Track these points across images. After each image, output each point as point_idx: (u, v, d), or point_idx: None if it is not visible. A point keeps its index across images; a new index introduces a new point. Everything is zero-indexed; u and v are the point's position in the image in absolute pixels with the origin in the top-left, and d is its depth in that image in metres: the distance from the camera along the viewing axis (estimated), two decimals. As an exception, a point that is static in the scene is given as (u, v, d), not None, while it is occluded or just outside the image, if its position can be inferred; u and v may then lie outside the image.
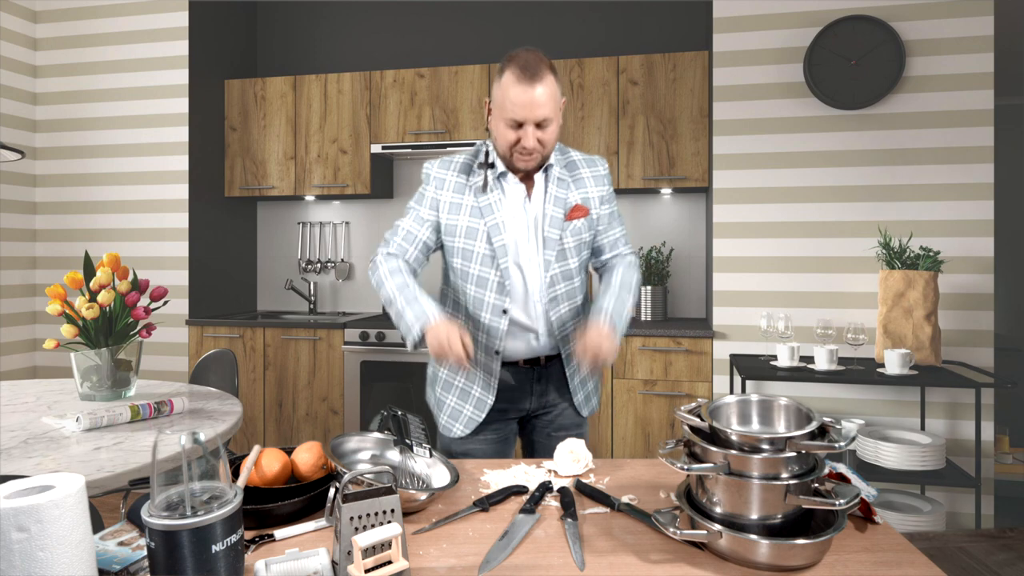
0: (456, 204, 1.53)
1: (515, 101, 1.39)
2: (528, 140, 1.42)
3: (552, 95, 1.40)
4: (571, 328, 1.59)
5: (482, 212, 1.51)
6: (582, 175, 1.56)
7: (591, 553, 0.92)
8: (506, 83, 1.40)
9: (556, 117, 1.44)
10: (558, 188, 1.53)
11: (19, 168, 3.68)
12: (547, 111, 1.40)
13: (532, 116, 1.39)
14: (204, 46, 3.70)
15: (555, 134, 1.46)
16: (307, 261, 4.01)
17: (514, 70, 1.39)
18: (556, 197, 1.52)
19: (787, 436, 0.88)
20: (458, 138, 3.51)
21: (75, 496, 0.70)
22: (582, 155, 1.60)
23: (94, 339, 1.88)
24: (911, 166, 2.90)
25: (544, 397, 1.63)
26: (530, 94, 1.38)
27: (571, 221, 1.53)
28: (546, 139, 1.44)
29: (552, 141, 1.46)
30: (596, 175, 1.58)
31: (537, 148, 1.44)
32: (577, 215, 1.53)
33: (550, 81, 1.40)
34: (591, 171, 1.57)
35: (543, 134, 1.43)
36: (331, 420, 3.42)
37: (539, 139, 1.43)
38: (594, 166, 1.58)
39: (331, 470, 1.11)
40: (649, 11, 3.70)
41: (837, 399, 2.95)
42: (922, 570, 0.85)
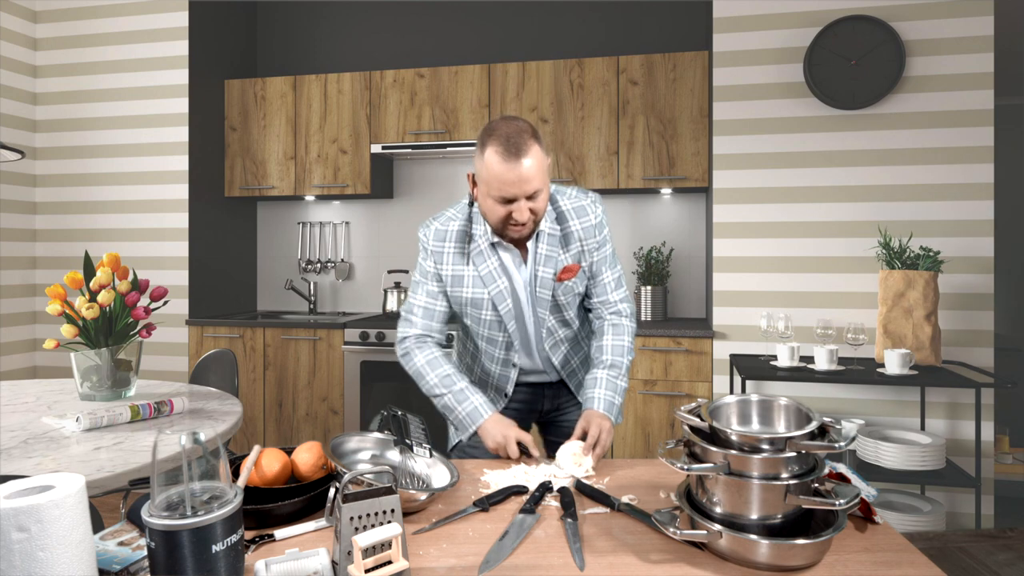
0: (458, 277, 1.52)
1: (503, 180, 1.33)
2: (521, 214, 1.37)
3: (539, 166, 1.35)
4: (576, 363, 1.66)
5: (484, 282, 1.51)
6: (571, 228, 1.51)
7: (591, 553, 0.92)
8: (490, 161, 1.34)
9: (545, 185, 1.39)
10: (548, 247, 1.49)
11: (19, 168, 3.68)
12: (536, 184, 1.35)
13: (522, 192, 1.34)
14: (204, 46, 3.70)
15: (546, 200, 1.41)
16: (307, 261, 4.01)
17: (497, 147, 1.33)
18: (547, 257, 1.50)
19: (787, 436, 0.88)
20: (458, 138, 3.51)
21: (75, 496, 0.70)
22: (572, 200, 1.53)
23: (94, 339, 1.88)
24: (911, 166, 2.90)
25: (558, 399, 1.69)
26: (518, 171, 1.32)
27: (562, 282, 1.52)
28: (538, 208, 1.39)
29: (543, 208, 1.41)
30: (586, 226, 1.51)
31: (530, 219, 1.40)
32: (567, 276, 1.51)
33: (535, 152, 1.34)
34: (581, 223, 1.51)
35: (534, 204, 1.38)
36: (331, 420, 3.42)
37: (531, 209, 1.38)
38: (584, 216, 1.51)
39: (331, 470, 1.11)
40: (649, 11, 3.70)
41: (837, 399, 2.95)
42: (922, 570, 0.85)
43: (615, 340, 1.55)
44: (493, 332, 1.57)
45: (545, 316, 1.54)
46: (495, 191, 1.35)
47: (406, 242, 3.98)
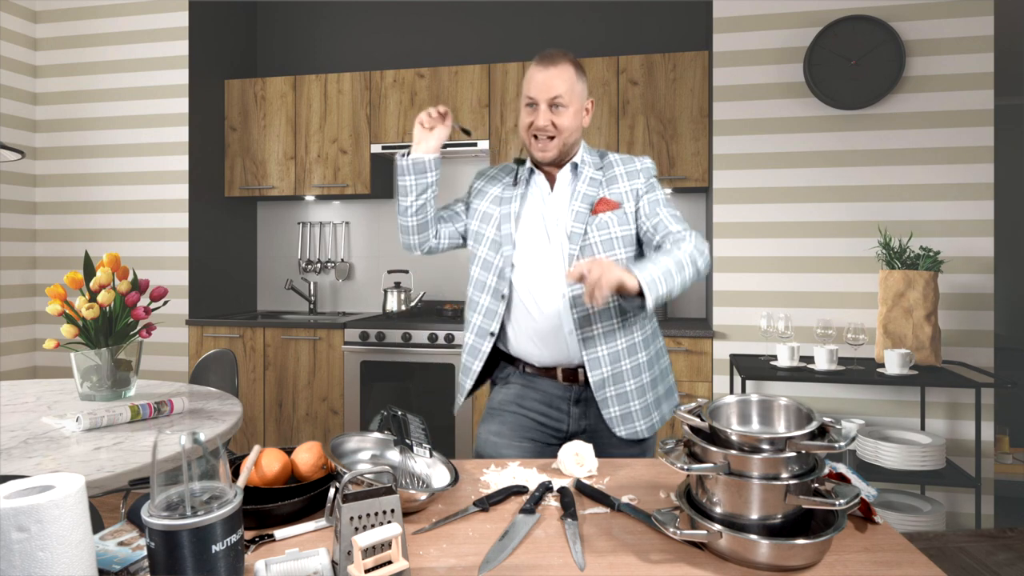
0: (483, 191, 1.61)
1: (530, 80, 1.46)
2: (540, 119, 1.45)
3: (568, 79, 1.45)
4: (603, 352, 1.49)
5: (501, 200, 1.57)
6: (615, 172, 1.54)
7: (591, 553, 0.92)
8: (528, 71, 1.49)
9: (573, 104, 1.46)
10: (588, 187, 1.52)
11: (19, 168, 3.68)
12: (560, 91, 1.44)
13: (544, 95, 1.44)
14: (204, 46, 3.70)
15: (572, 121, 1.47)
16: (307, 261, 4.01)
17: (537, 59, 1.48)
18: (584, 195, 1.51)
19: (787, 436, 0.88)
20: (458, 138, 3.51)
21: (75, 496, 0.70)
22: (623, 156, 1.58)
23: (94, 339, 1.88)
24: (911, 166, 2.90)
25: (583, 420, 1.56)
26: (543, 73, 1.45)
27: (597, 214, 1.49)
28: (561, 123, 1.46)
29: (568, 128, 1.47)
30: (631, 170, 1.54)
31: (549, 128, 1.46)
32: (603, 208, 1.50)
33: (567, 68, 1.45)
34: (626, 167, 1.55)
35: (557, 117, 1.46)
36: (331, 420, 3.42)
37: (553, 122, 1.45)
38: (630, 163, 1.55)
39: (331, 470, 1.11)
40: (649, 11, 3.70)
41: (837, 399, 2.95)
42: (922, 570, 0.85)
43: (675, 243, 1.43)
44: (490, 254, 1.55)
45: (575, 255, 1.47)
46: (523, 96, 1.49)
47: (406, 242, 3.97)
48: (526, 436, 1.55)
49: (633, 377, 1.53)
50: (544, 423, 1.56)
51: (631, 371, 1.52)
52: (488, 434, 1.56)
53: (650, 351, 1.57)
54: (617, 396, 1.51)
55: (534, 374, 1.57)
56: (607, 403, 1.51)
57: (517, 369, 1.59)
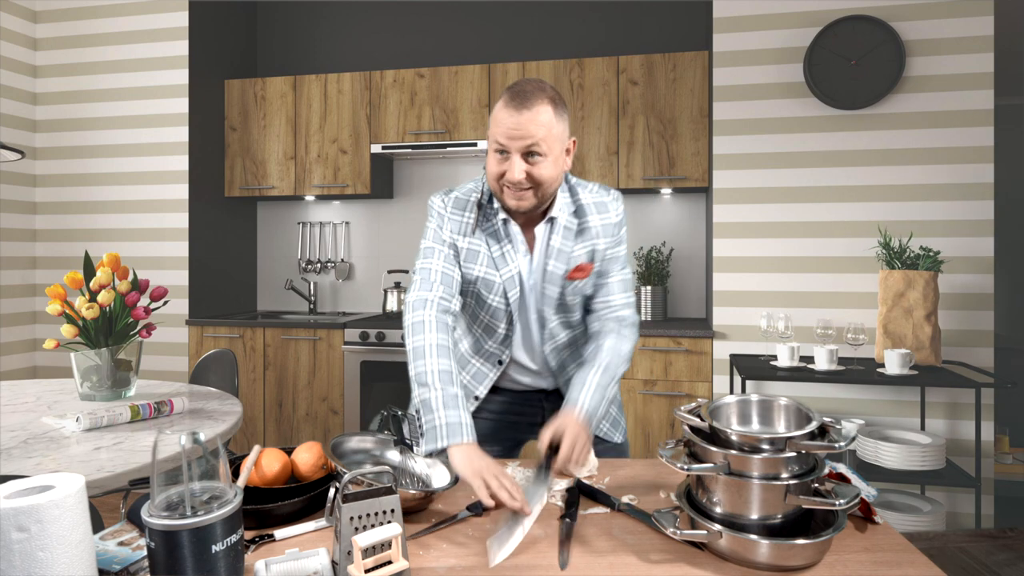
0: (474, 252, 1.40)
1: (499, 124, 1.25)
2: (514, 172, 1.24)
3: (545, 124, 1.23)
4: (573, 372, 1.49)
5: (496, 264, 1.39)
6: (590, 224, 1.40)
7: (591, 553, 0.91)
8: (496, 109, 1.27)
9: (552, 151, 1.26)
10: (563, 240, 1.38)
11: (19, 168, 3.68)
12: (535, 139, 1.23)
13: (516, 144, 1.23)
14: (204, 46, 3.70)
15: (550, 172, 1.27)
16: (307, 261, 4.01)
17: (506, 96, 1.26)
18: (560, 251, 1.38)
19: (787, 436, 0.88)
20: (458, 138, 3.51)
21: (75, 496, 0.70)
22: (595, 195, 1.42)
23: (94, 339, 1.88)
24: (911, 166, 2.90)
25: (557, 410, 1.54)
26: (516, 118, 1.23)
27: (573, 280, 1.40)
28: (539, 175, 1.26)
29: (547, 180, 1.27)
30: (606, 223, 1.41)
31: (524, 183, 1.26)
32: (578, 276, 1.40)
33: (544, 110, 1.24)
34: (601, 219, 1.41)
35: (534, 168, 1.25)
36: (331, 420, 3.42)
37: (528, 173, 1.25)
38: (605, 212, 1.41)
39: (331, 470, 1.11)
40: (649, 11, 3.70)
41: (837, 399, 2.95)
42: (922, 570, 0.85)
43: (616, 344, 1.39)
44: (495, 321, 1.44)
45: (548, 315, 1.42)
46: (493, 141, 1.27)
47: (406, 242, 3.98)
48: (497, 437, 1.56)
49: None
50: (517, 421, 1.56)
51: None
52: None
53: None
54: None
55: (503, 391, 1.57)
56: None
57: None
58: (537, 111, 1.23)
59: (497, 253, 1.39)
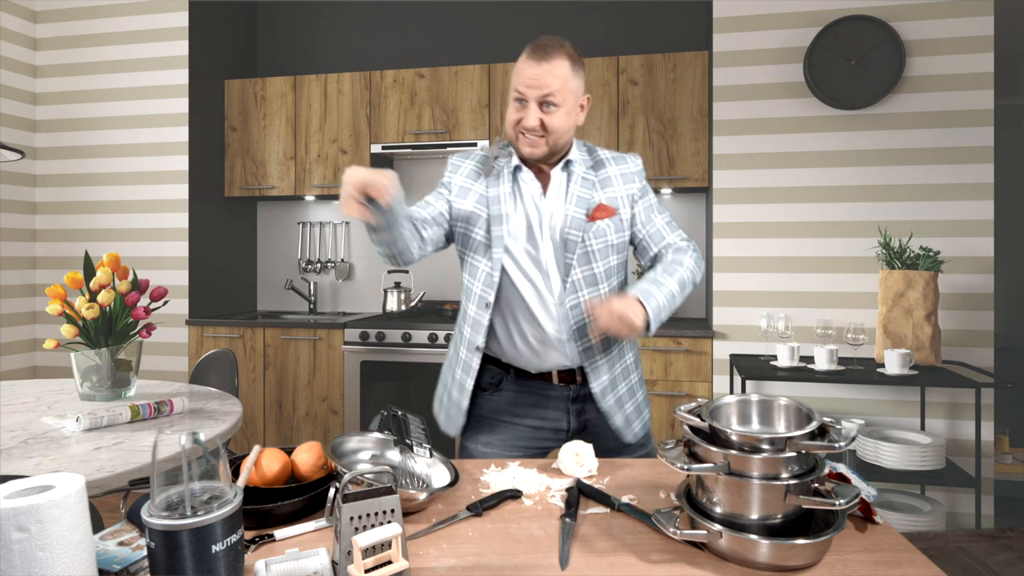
0: (465, 188, 1.47)
1: (519, 73, 1.35)
2: (529, 119, 1.34)
3: (561, 77, 1.33)
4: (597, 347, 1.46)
5: (488, 201, 1.45)
6: (609, 174, 1.46)
7: (591, 553, 0.91)
8: (519, 61, 1.37)
9: (566, 103, 1.35)
10: (582, 188, 1.43)
11: (19, 168, 3.68)
12: (551, 89, 1.32)
13: (534, 92, 1.33)
14: (204, 46, 3.70)
15: (564, 122, 1.36)
16: (307, 261, 4.01)
17: (528, 48, 1.36)
18: (579, 197, 1.42)
19: (787, 436, 0.88)
20: (458, 138, 3.51)
21: (75, 496, 0.70)
22: (612, 153, 1.50)
23: (94, 339, 1.88)
24: (911, 166, 2.90)
25: (582, 417, 1.51)
26: (535, 68, 1.33)
27: (594, 222, 1.42)
28: (551, 124, 1.35)
29: (560, 129, 1.36)
30: (625, 172, 1.47)
31: (538, 129, 1.35)
32: (600, 215, 1.42)
33: (561, 63, 1.33)
34: (620, 168, 1.47)
35: (548, 117, 1.34)
36: (331, 420, 3.42)
37: (542, 121, 1.35)
38: (623, 163, 1.48)
39: (331, 470, 1.11)
40: (649, 11, 3.70)
41: (837, 399, 2.95)
42: (922, 570, 0.85)
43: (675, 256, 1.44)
44: (477, 258, 1.45)
45: (572, 263, 1.41)
46: (512, 89, 1.37)
47: (406, 242, 3.97)
48: (519, 445, 1.52)
49: (624, 380, 1.52)
50: (541, 427, 1.51)
51: (622, 374, 1.52)
52: (477, 444, 1.53)
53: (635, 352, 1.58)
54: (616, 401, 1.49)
55: (526, 377, 1.50)
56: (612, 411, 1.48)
57: (508, 374, 1.51)
58: (555, 64, 1.33)
59: (492, 193, 1.45)
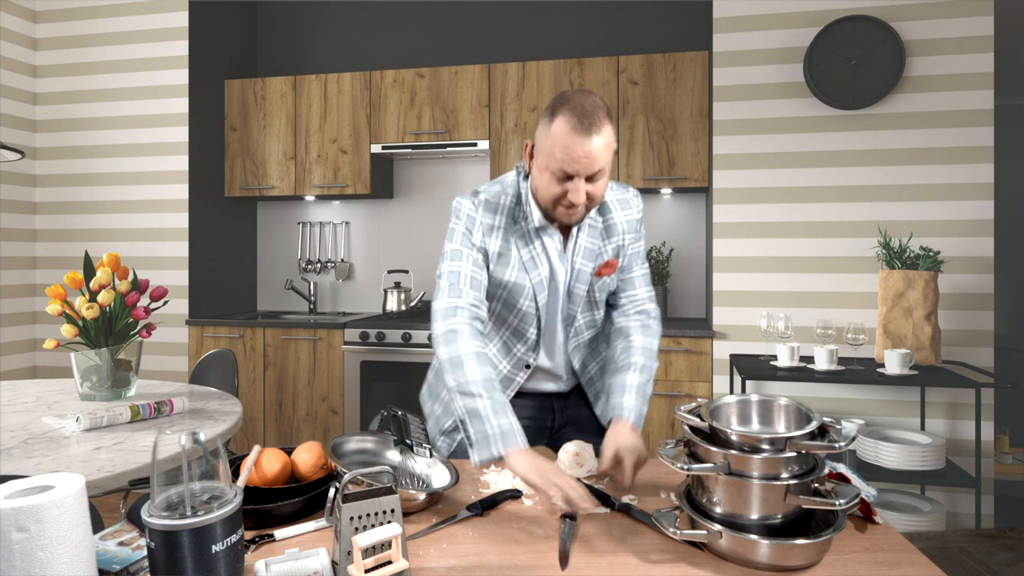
0: (505, 256, 1.38)
1: (569, 154, 1.21)
2: (577, 196, 1.25)
3: (608, 148, 1.24)
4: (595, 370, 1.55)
5: (526, 267, 1.38)
6: (614, 220, 1.43)
7: (591, 553, 0.91)
8: (558, 131, 1.22)
9: (609, 169, 1.28)
10: (589, 238, 1.41)
11: (19, 168, 3.68)
12: (601, 164, 1.23)
13: (585, 171, 1.22)
14: (204, 46, 3.70)
15: (604, 187, 1.29)
16: (307, 261, 4.01)
17: (569, 118, 1.21)
18: (587, 249, 1.41)
19: (787, 436, 0.88)
20: (458, 138, 3.51)
21: (75, 496, 0.70)
22: (615, 193, 1.45)
23: (94, 339, 1.88)
24: (911, 166, 2.90)
25: (565, 413, 1.59)
26: (586, 147, 1.20)
27: (600, 277, 1.43)
28: (595, 193, 1.28)
29: (600, 195, 1.29)
30: (630, 219, 1.45)
31: (584, 203, 1.28)
32: (606, 272, 1.43)
33: (608, 132, 1.23)
34: (625, 215, 1.44)
35: (593, 188, 1.26)
36: (331, 420, 3.42)
37: (588, 193, 1.26)
38: (628, 208, 1.45)
39: (331, 470, 1.11)
40: (649, 11, 3.70)
41: (837, 399, 2.95)
42: (922, 570, 0.85)
43: (645, 342, 1.42)
44: (524, 325, 1.44)
45: (576, 314, 1.44)
46: (556, 164, 1.23)
47: (406, 242, 3.98)
48: None
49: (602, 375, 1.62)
50: (527, 426, 1.57)
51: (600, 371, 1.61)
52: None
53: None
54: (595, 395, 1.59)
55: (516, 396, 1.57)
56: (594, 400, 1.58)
57: None
58: (603, 136, 1.22)
59: (527, 257, 1.38)
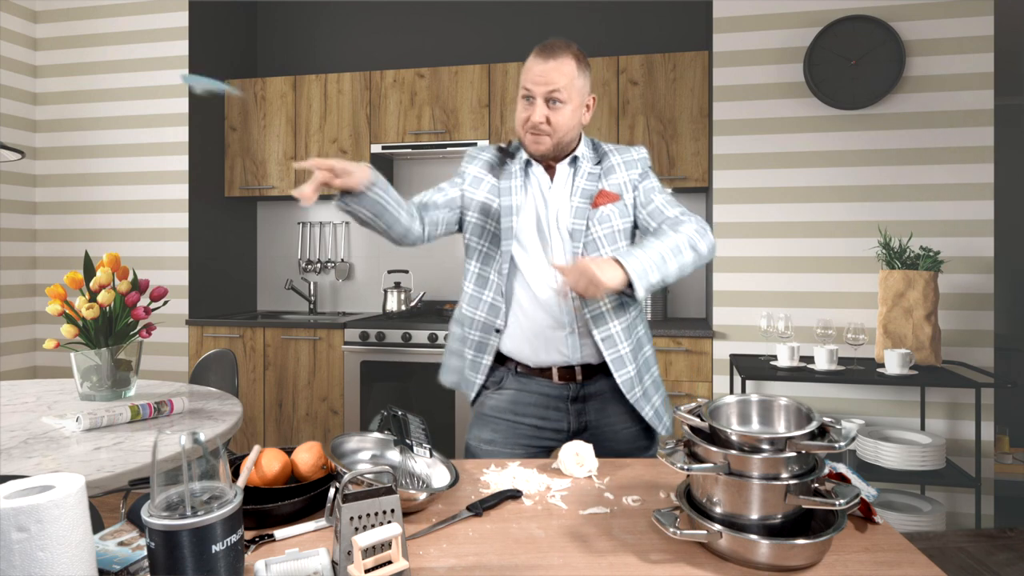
0: (478, 179, 1.54)
1: (528, 75, 1.40)
2: (536, 115, 1.39)
3: (568, 73, 1.38)
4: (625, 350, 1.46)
5: (499, 191, 1.51)
6: (612, 162, 1.50)
7: (591, 553, 0.91)
8: (527, 61, 1.42)
9: (571, 100, 1.40)
10: (587, 181, 1.48)
11: (19, 168, 3.68)
12: (557, 85, 1.37)
13: (540, 89, 1.38)
14: (204, 46, 3.70)
15: (568, 118, 1.41)
16: (307, 261, 4.01)
17: (537, 48, 1.42)
18: (583, 189, 1.47)
19: (787, 436, 0.88)
20: (458, 138, 3.51)
21: (75, 496, 0.70)
22: (618, 146, 1.54)
23: (94, 339, 1.88)
24: (911, 166, 2.90)
25: (582, 417, 1.51)
26: (541, 66, 1.38)
27: (598, 208, 1.45)
28: (557, 120, 1.40)
29: (565, 125, 1.41)
30: (628, 160, 1.50)
31: (544, 126, 1.40)
32: (603, 201, 1.46)
33: (567, 61, 1.38)
34: (623, 157, 1.50)
35: (554, 114, 1.39)
36: (331, 420, 3.42)
37: (548, 117, 1.39)
38: (626, 152, 1.52)
39: (331, 470, 1.11)
40: (649, 11, 3.70)
41: (837, 399, 2.95)
42: (922, 570, 0.85)
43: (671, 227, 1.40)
44: (492, 248, 1.50)
45: (579, 252, 1.44)
46: (520, 87, 1.42)
47: (406, 242, 3.97)
48: (520, 443, 1.52)
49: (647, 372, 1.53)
50: (542, 427, 1.52)
51: (644, 366, 1.53)
52: (479, 442, 1.55)
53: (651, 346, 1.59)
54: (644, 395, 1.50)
55: (527, 375, 1.51)
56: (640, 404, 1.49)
57: (509, 370, 1.53)
58: (561, 61, 1.39)
59: (504, 185, 1.51)
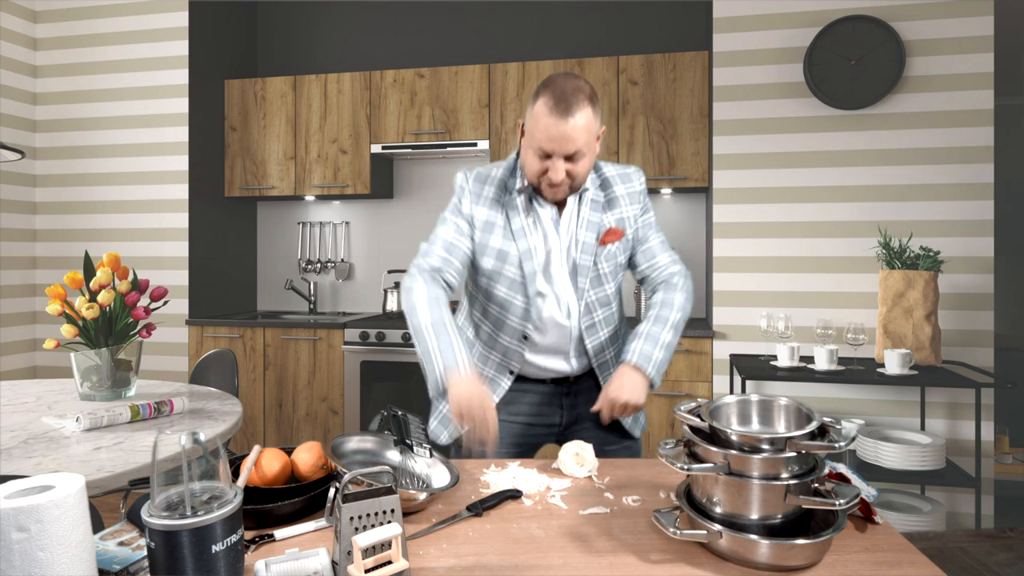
0: (490, 223, 1.46)
1: (547, 134, 1.31)
2: (556, 174, 1.34)
3: (587, 128, 1.31)
4: (611, 353, 1.54)
5: (514, 235, 1.45)
6: (616, 194, 1.48)
7: (591, 553, 0.91)
8: (539, 112, 1.32)
9: (590, 150, 1.36)
10: (591, 211, 1.46)
11: (19, 168, 3.68)
12: (578, 145, 1.32)
13: (561, 150, 1.32)
14: (204, 46, 3.70)
15: (587, 167, 1.38)
16: (307, 261, 4.01)
17: (548, 99, 1.31)
18: (589, 221, 1.45)
19: (787, 436, 0.88)
20: (458, 138, 3.51)
21: (75, 496, 0.70)
22: (617, 169, 1.51)
23: (94, 339, 1.88)
24: (911, 166, 2.90)
25: (575, 410, 1.57)
26: (561, 128, 1.29)
27: (605, 246, 1.46)
28: (576, 172, 1.36)
29: (583, 174, 1.38)
30: (631, 192, 1.49)
31: (564, 181, 1.36)
32: (611, 239, 1.46)
33: (586, 113, 1.31)
34: (626, 188, 1.49)
35: (573, 167, 1.35)
36: (331, 420, 3.42)
37: (568, 172, 1.35)
38: (629, 182, 1.50)
39: (331, 470, 1.11)
40: (649, 11, 3.70)
41: (837, 399, 2.95)
42: (922, 570, 0.85)
43: (665, 296, 1.47)
44: (511, 294, 1.47)
45: (585, 287, 1.46)
46: (536, 143, 1.34)
47: (406, 242, 3.98)
48: (513, 442, 1.56)
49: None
50: (534, 423, 1.56)
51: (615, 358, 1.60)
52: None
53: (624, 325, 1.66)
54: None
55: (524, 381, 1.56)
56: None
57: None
58: (579, 117, 1.30)
59: (517, 226, 1.45)
